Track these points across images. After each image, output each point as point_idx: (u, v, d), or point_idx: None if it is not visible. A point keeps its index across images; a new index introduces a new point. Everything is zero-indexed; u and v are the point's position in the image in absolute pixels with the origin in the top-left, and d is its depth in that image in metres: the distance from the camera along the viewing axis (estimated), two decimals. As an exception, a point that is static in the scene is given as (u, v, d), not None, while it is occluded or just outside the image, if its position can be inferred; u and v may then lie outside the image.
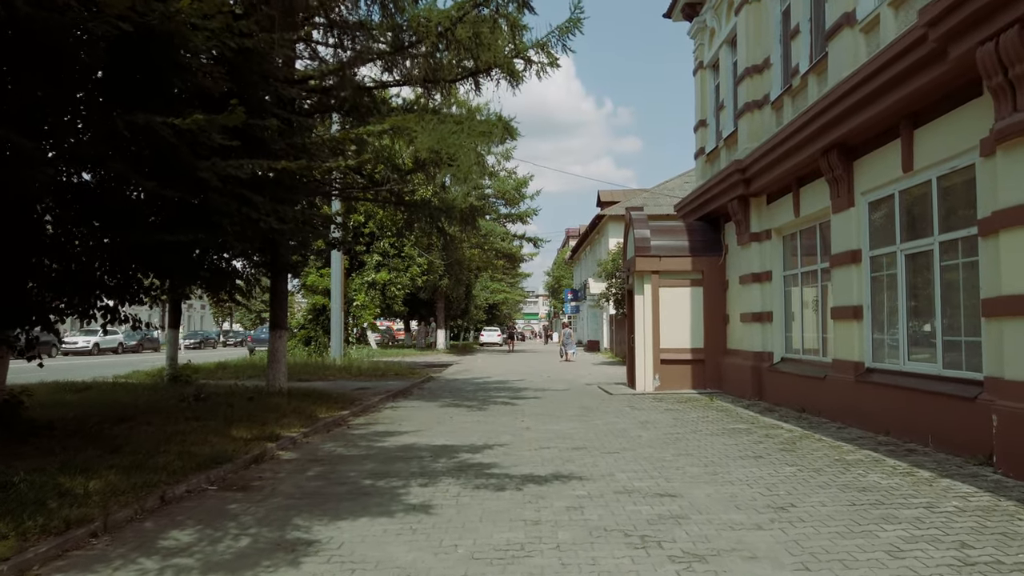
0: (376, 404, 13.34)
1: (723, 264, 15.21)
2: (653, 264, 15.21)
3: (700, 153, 17.06)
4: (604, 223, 36.87)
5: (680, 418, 10.88)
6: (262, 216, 9.74)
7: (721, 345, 15.09)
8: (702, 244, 15.48)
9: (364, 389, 15.93)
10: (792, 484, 6.27)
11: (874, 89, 8.37)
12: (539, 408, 12.65)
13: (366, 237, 24.69)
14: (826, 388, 10.26)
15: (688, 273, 15.34)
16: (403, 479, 6.75)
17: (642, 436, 9.20)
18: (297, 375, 18.63)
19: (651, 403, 13.10)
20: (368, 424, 10.82)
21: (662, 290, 15.31)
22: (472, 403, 13.65)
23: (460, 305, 43.43)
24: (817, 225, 11.35)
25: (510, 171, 39.28)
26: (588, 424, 10.47)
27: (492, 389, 16.86)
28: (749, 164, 12.65)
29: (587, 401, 13.77)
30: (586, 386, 17.47)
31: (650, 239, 15.34)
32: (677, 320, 15.25)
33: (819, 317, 11.40)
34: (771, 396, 12.52)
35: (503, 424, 10.59)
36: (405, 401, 14.28)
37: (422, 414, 11.97)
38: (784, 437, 8.85)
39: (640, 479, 6.60)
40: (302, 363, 20.91)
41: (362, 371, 19.98)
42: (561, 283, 69.62)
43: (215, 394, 12.72)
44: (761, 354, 13.06)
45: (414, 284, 25.66)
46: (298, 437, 9.19)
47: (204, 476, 6.65)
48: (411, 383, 17.91)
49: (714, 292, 15.21)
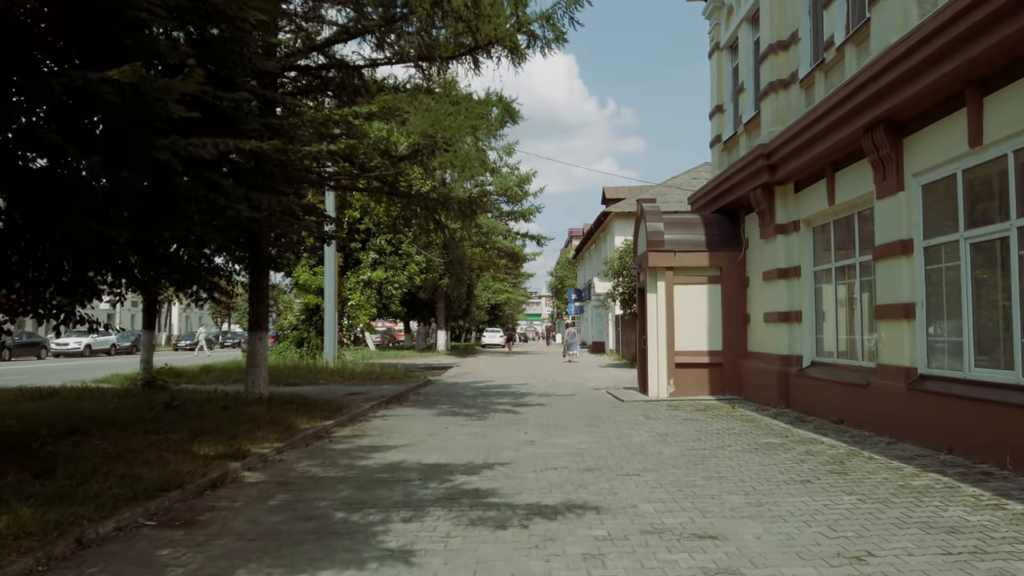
0: (366, 412, 12.19)
1: (743, 259, 14.04)
2: (667, 260, 14.05)
3: (716, 141, 15.90)
4: (609, 220, 35.71)
5: (703, 430, 9.72)
6: (232, 203, 8.62)
7: (741, 347, 13.92)
8: (720, 238, 14.32)
9: (355, 395, 14.79)
10: (859, 521, 5.11)
11: (933, 52, 7.21)
12: (544, 417, 11.50)
13: (362, 234, 23.56)
14: (869, 397, 9.09)
15: (705, 269, 14.18)
16: (383, 511, 5.60)
17: (663, 453, 8.03)
18: (285, 379, 17.51)
19: (667, 411, 11.93)
20: (353, 436, 9.67)
21: (677, 288, 14.14)
22: (471, 411, 12.49)
23: (461, 305, 42.28)
24: (855, 214, 10.18)
25: (512, 167, 38.18)
26: (600, 437, 9.31)
27: (493, 395, 15.71)
28: (775, 149, 11.48)
29: (596, 409, 12.61)
30: (594, 391, 16.32)
31: (663, 233, 14.18)
32: (693, 320, 14.09)
33: (857, 316, 10.23)
34: (800, 404, 11.35)
35: (504, 437, 9.44)
36: (398, 408, 13.13)
37: (415, 424, 10.82)
38: (829, 455, 7.68)
39: (670, 512, 5.45)
40: (292, 366, 19.77)
41: (356, 375, 18.84)
42: (564, 283, 68.46)
43: (191, 401, 11.62)
44: (788, 357, 11.89)
45: (412, 283, 24.52)
46: (270, 454, 8.05)
47: (143, 508, 5.51)
48: (407, 388, 16.77)
49: (733, 290, 14.04)
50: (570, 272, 68.96)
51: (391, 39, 11.87)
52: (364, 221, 23.23)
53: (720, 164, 15.60)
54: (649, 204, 14.85)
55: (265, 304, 11.64)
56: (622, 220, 33.87)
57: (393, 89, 11.53)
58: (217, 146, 7.46)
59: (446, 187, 25.53)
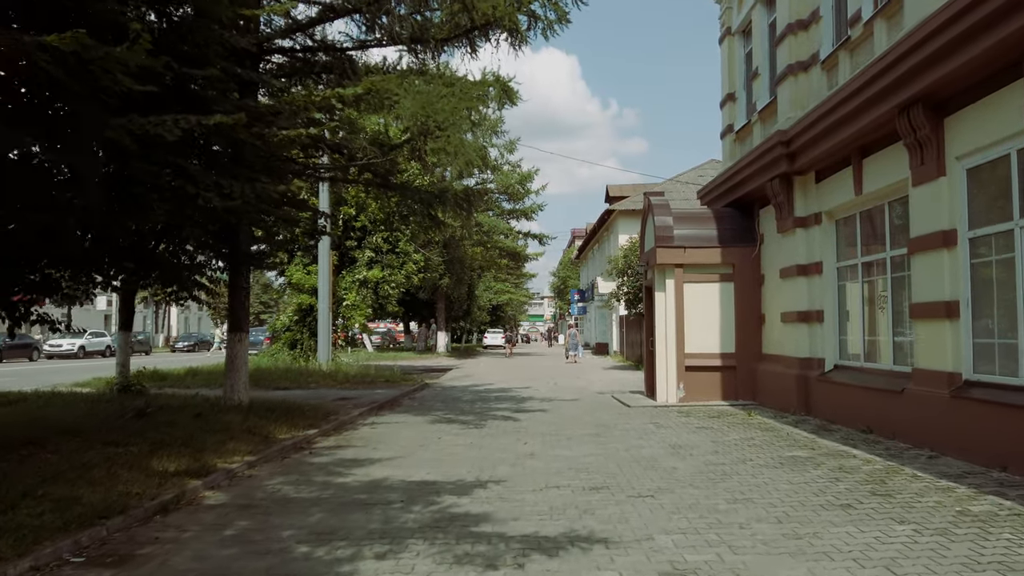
0: (354, 419, 11.37)
1: (757, 256, 13.18)
2: (676, 256, 13.20)
3: (728, 131, 15.05)
4: (613, 219, 34.84)
5: (719, 440, 8.87)
6: (200, 191, 7.81)
7: (756, 349, 13.06)
8: (733, 233, 13.47)
9: (346, 399, 13.97)
10: (922, 560, 4.26)
11: (983, 17, 6.37)
12: (546, 425, 10.66)
13: (357, 231, 22.74)
14: (904, 404, 8.24)
15: (717, 266, 13.33)
16: (355, 543, 4.77)
17: (678, 469, 7.19)
18: (274, 383, 16.72)
19: (678, 418, 11.09)
20: (336, 448, 8.85)
21: (687, 286, 13.29)
22: (468, 417, 11.66)
23: (462, 306, 41.45)
24: (886, 204, 9.32)
25: (514, 164, 37.34)
26: (606, 448, 8.47)
27: (492, 399, 14.88)
28: (794, 135, 10.63)
29: (602, 415, 11.77)
30: (598, 395, 15.47)
31: (673, 227, 13.33)
32: (704, 320, 13.24)
33: (887, 316, 9.38)
34: (822, 411, 10.49)
35: (502, 448, 8.60)
36: (390, 415, 12.30)
37: (405, 433, 9.99)
38: (865, 471, 6.83)
39: (693, 546, 4.61)
40: (283, 369, 18.96)
41: (349, 378, 18.02)
42: (567, 284, 67.62)
43: (166, 407, 10.80)
44: (808, 360, 11.04)
45: (409, 282, 23.69)
46: (239, 469, 7.22)
47: (73, 540, 4.69)
48: (401, 392, 15.95)
49: (747, 288, 13.19)
50: (573, 272, 68.10)
51: (382, 21, 11.06)
52: (360, 218, 22.41)
53: (732, 155, 14.75)
54: (657, 197, 14.01)
55: (243, 304, 10.82)
56: (626, 218, 33.02)
57: (380, 71, 10.69)
58: (178, 123, 6.66)
59: (444, 182, 24.75)
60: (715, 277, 13.34)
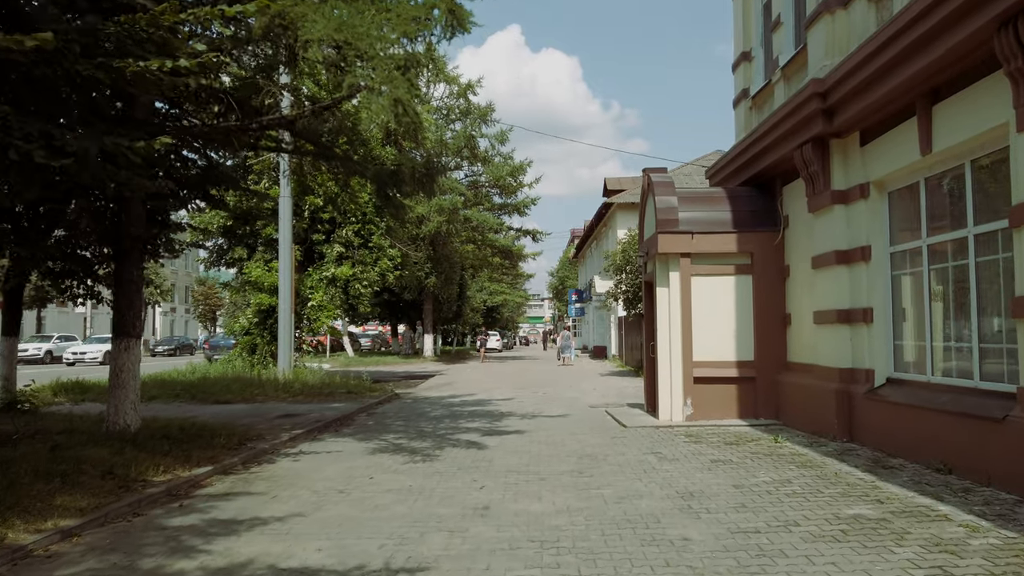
0: (278, 447, 9.04)
1: (781, 242, 10.85)
2: (682, 244, 10.87)
3: (742, 98, 12.72)
4: (612, 213, 32.51)
5: (745, 484, 6.52)
6: (14, 140, 5.53)
7: (779, 357, 10.73)
8: (750, 215, 11.14)
9: (289, 417, 11.66)
10: None
11: None
12: (518, 455, 8.32)
13: (326, 224, 20.43)
14: (1007, 438, 5.89)
15: (731, 256, 11.00)
16: None
17: (691, 542, 4.84)
18: (215, 396, 14.41)
19: (685, 445, 8.74)
20: (223, 497, 6.50)
21: (695, 280, 10.96)
22: (423, 443, 9.32)
23: (452, 307, 39.07)
24: (967, 164, 6.98)
25: (506, 156, 35.03)
26: (590, 498, 6.13)
27: (465, 415, 12.54)
28: (834, 85, 8.30)
29: (591, 440, 9.43)
30: (590, 410, 13.13)
31: (678, 209, 11.00)
32: (716, 321, 10.91)
33: (970, 315, 7.03)
34: (872, 437, 8.15)
35: (448, 496, 6.27)
36: (330, 439, 9.96)
37: (331, 470, 7.65)
38: (978, 551, 4.48)
39: None
40: (232, 378, 16.61)
41: (307, 389, 15.69)
42: (565, 284, 65.31)
43: (44, 431, 8.54)
44: (851, 372, 8.70)
45: (384, 281, 21.36)
46: (43, 542, 4.89)
47: None
48: (361, 406, 13.62)
49: (769, 281, 10.86)
50: (571, 273, 65.77)
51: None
52: (328, 209, 20.10)
53: (748, 125, 12.42)
54: (659, 175, 11.67)
55: (131, 302, 8.49)
56: (625, 212, 30.71)
57: None
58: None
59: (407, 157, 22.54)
60: (729, 269, 11.00)
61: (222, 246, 20.92)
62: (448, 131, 33.71)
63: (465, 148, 33.35)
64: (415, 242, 31.02)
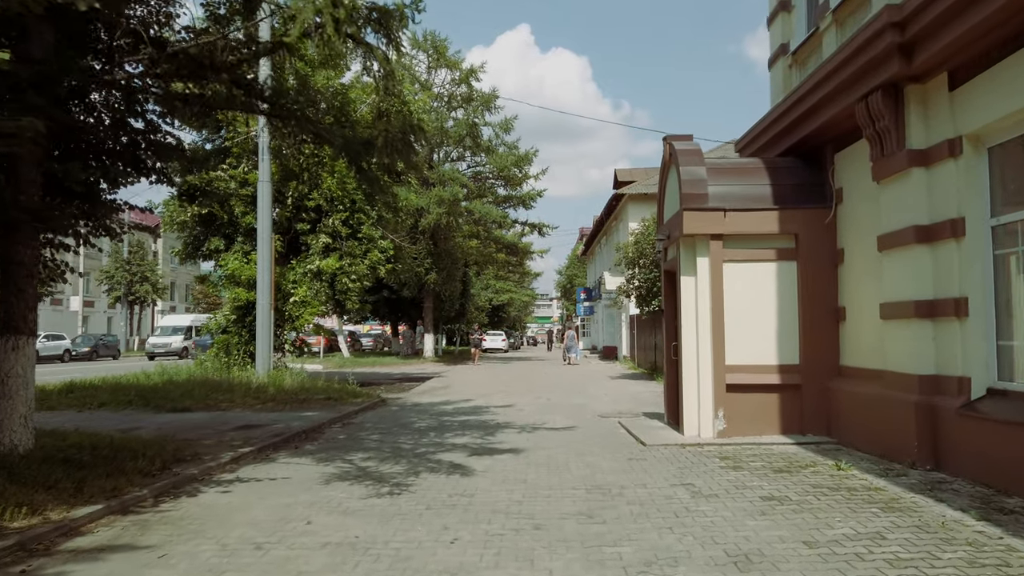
0: (213, 471, 7.25)
1: (833, 220, 8.98)
2: (713, 223, 9.02)
3: (779, 55, 10.85)
4: (623, 205, 30.59)
5: (819, 541, 4.66)
6: None
7: (830, 359, 8.86)
8: (794, 190, 9.27)
9: (245, 429, 9.90)
10: None
11: None
12: (508, 487, 6.49)
13: (311, 212, 18.66)
14: None
15: (771, 238, 9.14)
16: None
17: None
18: (174, 402, 12.67)
19: (724, 473, 6.89)
20: (91, 556, 4.69)
21: (728, 267, 9.10)
22: (394, 468, 7.51)
23: (454, 305, 37.26)
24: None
25: (511, 145, 33.20)
26: (603, 566, 4.30)
27: (454, 427, 10.73)
28: (917, 9, 6.42)
29: (602, 463, 7.59)
30: (601, 421, 11.29)
31: (707, 182, 9.15)
32: (753, 317, 9.06)
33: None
34: (966, 465, 6.28)
35: (401, 560, 4.45)
36: (283, 459, 8.16)
37: (260, 510, 5.83)
38: None
39: None
40: (199, 381, 14.87)
41: (281, 394, 13.92)
42: (574, 283, 63.40)
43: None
44: (937, 380, 6.83)
45: (375, 274, 19.58)
46: None
47: None
48: (337, 415, 11.85)
49: (817, 268, 8.99)
50: (580, 271, 63.88)
51: None
52: (313, 196, 18.34)
53: (787, 86, 10.55)
54: (683, 143, 9.81)
55: (21, 290, 6.71)
56: (637, 203, 28.78)
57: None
58: None
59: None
60: (769, 254, 9.14)
61: (198, 236, 19.17)
62: (449, 119, 31.98)
63: (467, 137, 31.60)
64: (413, 233, 29.24)
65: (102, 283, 50.89)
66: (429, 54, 31.78)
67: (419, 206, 29.16)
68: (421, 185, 29.83)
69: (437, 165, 32.22)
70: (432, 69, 32.25)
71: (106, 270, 50.56)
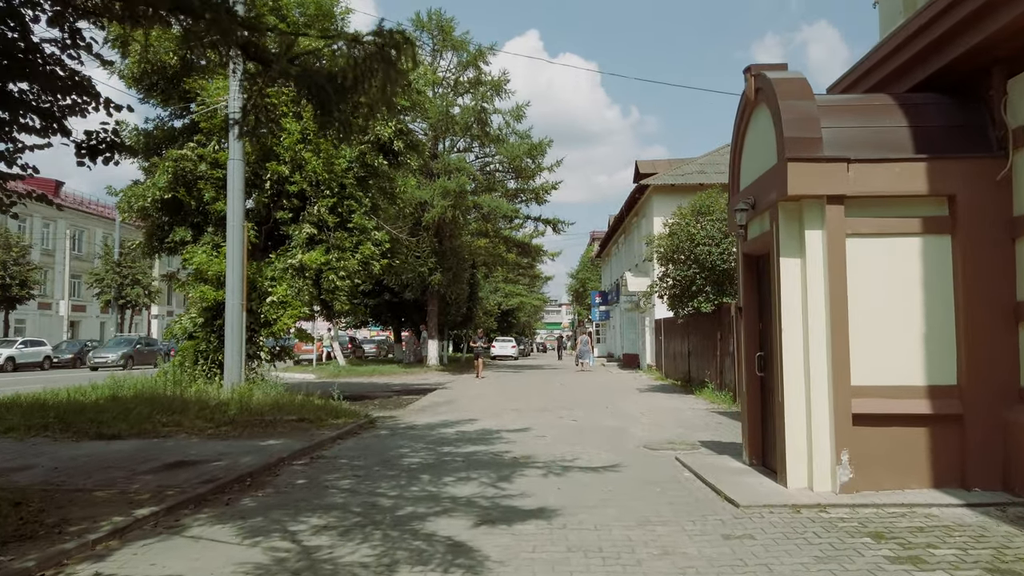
0: (72, 554, 4.48)
1: (1008, 175, 6.16)
2: (830, 180, 6.21)
3: (895, -36, 8.05)
4: (646, 198, 27.75)
5: None
6: None
7: (1007, 379, 6.04)
8: (943, 133, 6.46)
9: (171, 469, 7.18)
10: None
11: None
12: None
13: (293, 198, 15.96)
14: None
15: (915, 202, 6.33)
16: None
17: None
18: (102, 426, 10.00)
19: (877, 564, 4.07)
20: None
21: (853, 244, 6.29)
22: (360, 547, 4.72)
23: (461, 309, 34.49)
24: None
25: (522, 135, 30.47)
26: None
27: (457, 465, 7.94)
28: None
29: (684, 542, 4.79)
30: (651, 455, 8.49)
31: (819, 120, 6.35)
32: (889, 316, 6.24)
33: None
34: None
35: None
36: (196, 528, 5.38)
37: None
38: None
39: None
40: (148, 397, 12.12)
41: (244, 414, 11.18)
42: (586, 287, 60.53)
43: None
44: None
45: (368, 271, 16.85)
46: None
47: None
48: (306, 445, 9.12)
49: (983, 245, 6.17)
50: (593, 274, 61.00)
51: None
52: (295, 179, 15.65)
53: (907, 6, 7.75)
54: (778, 72, 7.00)
55: None
56: (663, 196, 26.00)
57: None
58: None
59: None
60: (912, 224, 6.32)
61: (162, 226, 16.50)
62: (456, 105, 29.33)
63: (475, 124, 28.88)
64: (416, 229, 26.55)
65: (92, 286, 48.44)
66: (434, 35, 29.13)
67: (422, 199, 26.47)
68: (424, 176, 27.14)
69: (443, 155, 29.52)
70: (438, 52, 29.60)
71: (96, 272, 48.14)
